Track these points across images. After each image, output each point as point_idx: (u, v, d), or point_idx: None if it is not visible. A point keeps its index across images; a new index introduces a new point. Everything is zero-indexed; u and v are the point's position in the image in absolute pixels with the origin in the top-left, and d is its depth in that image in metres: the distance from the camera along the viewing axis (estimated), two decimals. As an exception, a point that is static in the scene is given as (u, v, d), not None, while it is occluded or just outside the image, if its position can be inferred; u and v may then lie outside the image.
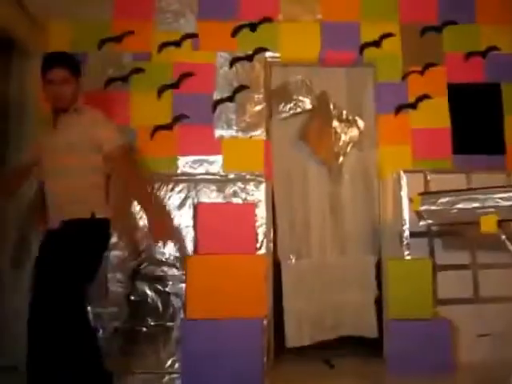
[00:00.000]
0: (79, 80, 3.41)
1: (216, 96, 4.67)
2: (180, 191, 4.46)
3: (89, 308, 4.32)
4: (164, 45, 4.69)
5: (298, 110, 4.84)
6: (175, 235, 4.11)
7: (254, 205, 4.43)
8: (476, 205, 3.60)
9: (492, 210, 3.53)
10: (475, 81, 4.79)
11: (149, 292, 4.32)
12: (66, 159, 3.24)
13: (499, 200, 3.52)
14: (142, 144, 4.55)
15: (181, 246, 3.86)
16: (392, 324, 4.17)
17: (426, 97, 4.74)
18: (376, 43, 4.79)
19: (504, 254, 3.74)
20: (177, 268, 4.35)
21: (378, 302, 4.62)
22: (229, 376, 3.67)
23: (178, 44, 4.71)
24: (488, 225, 3.50)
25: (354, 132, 4.85)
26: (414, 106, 4.74)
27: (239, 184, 4.50)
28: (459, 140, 4.69)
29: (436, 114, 4.73)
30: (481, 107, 4.78)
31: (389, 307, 4.24)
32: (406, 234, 4.43)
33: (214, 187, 4.49)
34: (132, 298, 4.32)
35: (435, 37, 4.84)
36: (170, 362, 4.23)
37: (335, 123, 4.83)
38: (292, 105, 4.82)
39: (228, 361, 3.67)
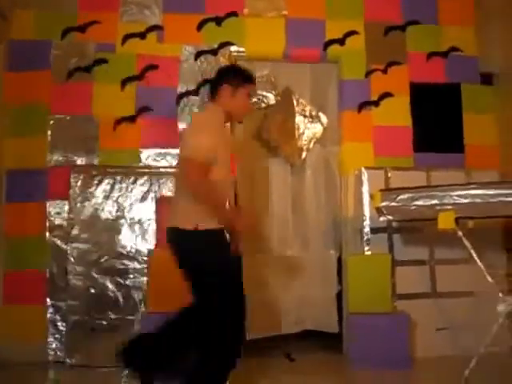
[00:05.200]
0: None
1: (180, 89, 4.65)
2: (142, 184, 4.43)
3: (49, 301, 4.32)
4: (128, 36, 4.64)
5: (262, 105, 4.86)
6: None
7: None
8: (434, 202, 3.67)
9: (450, 207, 3.60)
10: (436, 80, 4.88)
11: (109, 285, 4.28)
12: None
13: (457, 197, 3.60)
14: (104, 136, 4.51)
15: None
16: (352, 318, 4.22)
17: (388, 95, 4.81)
18: (340, 41, 4.83)
19: (461, 250, 3.84)
20: (138, 261, 4.33)
21: (339, 297, 4.68)
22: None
23: (142, 36, 4.67)
24: (446, 221, 3.58)
25: (317, 128, 4.88)
26: (376, 103, 4.80)
27: (202, 178, 4.48)
28: (420, 138, 4.78)
29: (398, 113, 4.80)
30: (441, 107, 4.87)
31: (349, 302, 4.30)
32: (367, 229, 4.49)
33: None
34: (92, 290, 4.27)
35: (399, 36, 4.91)
36: (130, 356, 4.19)
37: (299, 119, 4.85)
38: (256, 100, 4.83)
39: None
